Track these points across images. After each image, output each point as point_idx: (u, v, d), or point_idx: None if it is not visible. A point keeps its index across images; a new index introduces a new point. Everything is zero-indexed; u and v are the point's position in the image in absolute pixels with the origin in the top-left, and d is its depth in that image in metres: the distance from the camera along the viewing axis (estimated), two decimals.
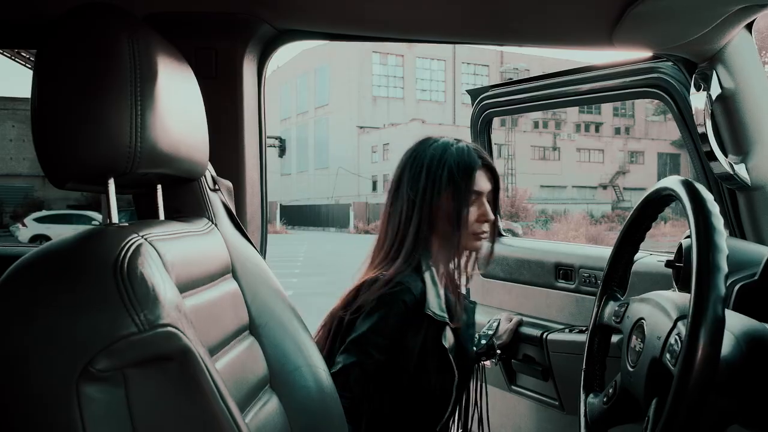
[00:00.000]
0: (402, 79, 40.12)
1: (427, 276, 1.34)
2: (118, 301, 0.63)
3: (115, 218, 0.78)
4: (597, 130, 39.14)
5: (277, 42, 1.36)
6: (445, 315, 1.34)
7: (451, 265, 1.40)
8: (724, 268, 0.75)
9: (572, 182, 36.42)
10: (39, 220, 18.89)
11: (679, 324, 0.84)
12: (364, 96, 39.29)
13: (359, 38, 1.38)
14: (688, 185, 0.87)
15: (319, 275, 12.25)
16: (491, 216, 1.41)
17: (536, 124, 37.61)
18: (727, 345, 0.82)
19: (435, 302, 1.33)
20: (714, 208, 0.81)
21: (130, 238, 0.70)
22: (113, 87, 0.72)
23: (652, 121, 40.54)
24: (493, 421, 1.84)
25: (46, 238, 16.21)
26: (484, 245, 1.46)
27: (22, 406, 0.62)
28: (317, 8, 1.25)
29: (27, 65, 17.57)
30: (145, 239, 0.73)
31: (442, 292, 1.37)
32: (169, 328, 0.66)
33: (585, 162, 37.08)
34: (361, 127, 38.66)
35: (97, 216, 18.01)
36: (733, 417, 0.84)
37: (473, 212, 1.38)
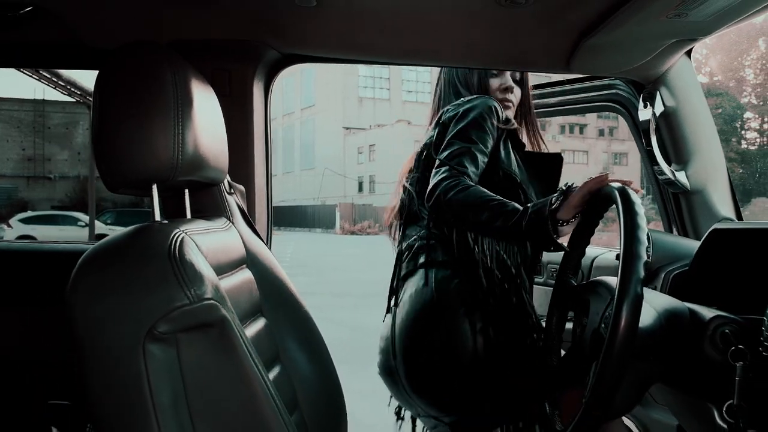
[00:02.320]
0: (388, 80, 40.23)
1: None
2: (173, 279, 0.82)
3: (158, 217, 0.97)
4: (581, 131, 39.45)
5: (282, 64, 1.55)
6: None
7: None
8: (644, 256, 0.95)
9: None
10: (24, 221, 18.66)
11: (614, 301, 1.04)
12: (350, 97, 39.34)
13: (353, 62, 1.58)
14: (621, 191, 1.07)
15: (306, 275, 12.39)
16: (510, 83, 1.56)
17: None
18: (649, 318, 1.02)
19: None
20: (639, 209, 1.01)
21: (175, 232, 0.89)
22: (160, 111, 0.90)
23: None
24: None
25: (32, 239, 16.16)
26: None
27: (100, 359, 0.81)
28: (318, 36, 1.45)
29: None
30: (185, 233, 0.91)
31: None
32: (212, 301, 0.85)
33: (569, 163, 36.95)
34: (347, 128, 38.73)
35: (83, 217, 17.95)
36: (655, 377, 1.05)
37: (495, 82, 1.56)
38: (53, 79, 9.88)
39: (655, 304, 1.06)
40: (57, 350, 1.38)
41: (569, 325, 1.25)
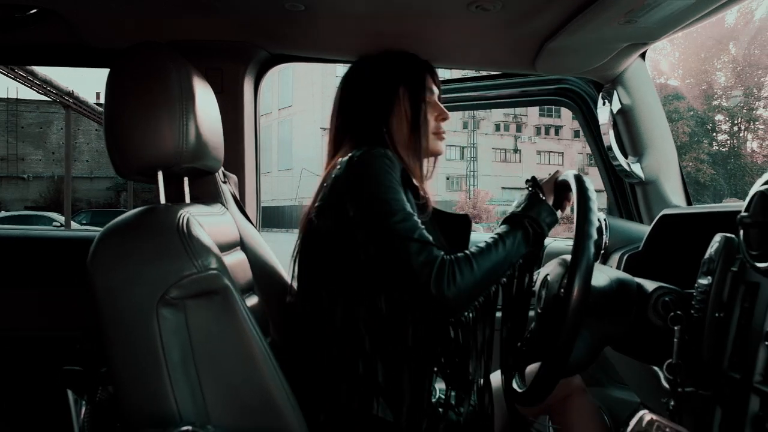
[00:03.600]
0: None
1: None
2: (183, 252, 0.94)
3: (162, 200, 1.08)
4: (557, 132, 39.81)
5: (271, 64, 1.67)
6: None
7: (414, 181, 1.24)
8: (595, 222, 1.09)
9: None
10: None
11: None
12: (328, 97, 39.09)
13: (337, 62, 1.70)
14: (577, 178, 1.20)
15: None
16: (446, 112, 1.34)
17: (497, 127, 38.07)
18: (603, 281, 1.16)
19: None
20: (592, 195, 1.15)
21: (180, 212, 1.00)
22: (166, 104, 1.01)
23: None
24: None
25: None
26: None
27: (118, 322, 0.93)
28: (304, 38, 1.57)
29: None
30: (189, 214, 1.02)
31: None
32: (216, 271, 0.97)
33: (545, 164, 37.60)
34: (325, 129, 38.55)
35: (59, 217, 17.74)
36: (608, 338, 1.18)
37: (431, 112, 1.33)
38: (28, 77, 9.75)
39: (608, 273, 1.20)
40: (71, 324, 1.49)
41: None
